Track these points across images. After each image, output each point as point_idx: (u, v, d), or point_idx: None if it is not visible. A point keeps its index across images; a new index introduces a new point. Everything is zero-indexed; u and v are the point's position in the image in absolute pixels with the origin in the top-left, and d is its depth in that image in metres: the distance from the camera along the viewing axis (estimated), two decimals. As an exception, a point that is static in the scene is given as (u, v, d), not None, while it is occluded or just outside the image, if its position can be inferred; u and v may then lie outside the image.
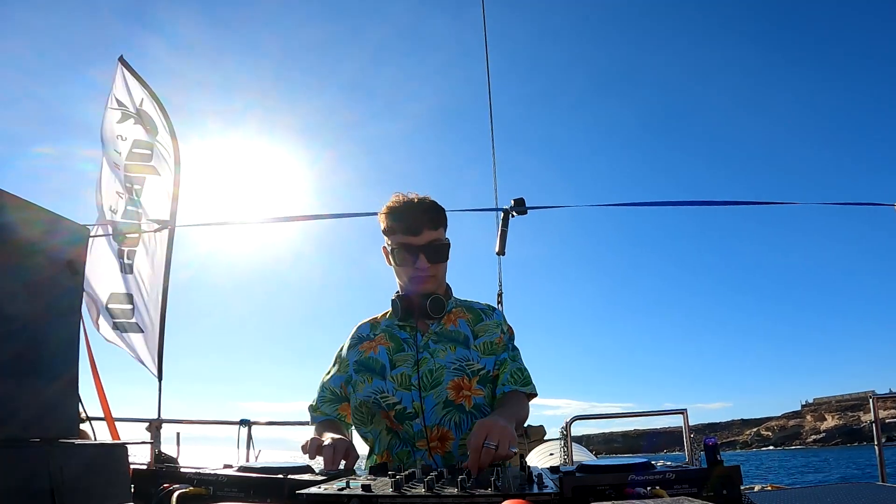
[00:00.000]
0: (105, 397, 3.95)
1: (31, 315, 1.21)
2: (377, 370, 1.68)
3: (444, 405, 1.62)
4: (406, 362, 1.67)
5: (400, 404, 1.62)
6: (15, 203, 1.20)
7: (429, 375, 1.64)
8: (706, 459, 0.99)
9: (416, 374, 1.63)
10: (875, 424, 4.03)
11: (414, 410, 1.61)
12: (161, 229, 4.42)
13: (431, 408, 1.62)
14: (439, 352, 1.68)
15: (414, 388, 1.62)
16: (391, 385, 1.64)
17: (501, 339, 1.76)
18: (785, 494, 4.05)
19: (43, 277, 1.26)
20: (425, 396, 1.62)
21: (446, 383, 1.63)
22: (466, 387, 1.65)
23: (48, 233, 1.30)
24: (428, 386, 1.63)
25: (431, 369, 1.65)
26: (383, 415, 1.64)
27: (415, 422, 1.61)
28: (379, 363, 1.69)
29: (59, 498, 1.14)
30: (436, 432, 1.60)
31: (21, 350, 1.18)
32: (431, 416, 1.61)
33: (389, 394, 1.64)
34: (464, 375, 1.65)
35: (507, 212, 3.82)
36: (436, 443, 1.60)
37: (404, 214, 1.67)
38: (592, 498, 0.92)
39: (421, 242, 1.65)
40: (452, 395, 1.62)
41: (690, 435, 4.26)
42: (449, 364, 1.65)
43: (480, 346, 1.72)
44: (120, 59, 4.84)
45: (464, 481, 0.95)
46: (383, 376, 1.66)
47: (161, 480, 1.09)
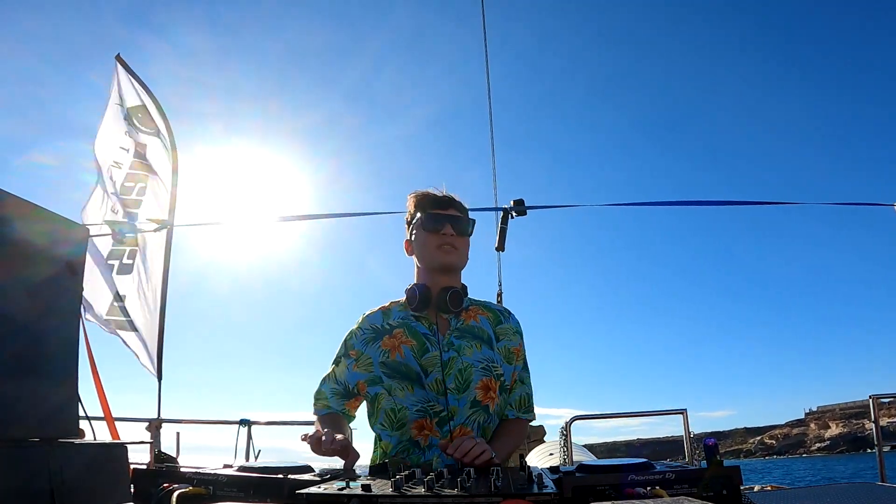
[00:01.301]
0: (105, 397, 3.94)
1: (31, 315, 1.21)
2: (413, 378, 1.65)
3: (471, 405, 1.63)
4: (435, 365, 1.65)
5: (443, 411, 1.62)
6: (15, 203, 1.21)
7: (460, 377, 1.64)
8: (706, 460, 0.99)
9: (450, 377, 1.64)
10: (875, 424, 4.03)
11: (449, 413, 1.62)
12: (160, 229, 4.42)
13: (463, 408, 1.63)
14: (465, 348, 1.68)
15: (451, 391, 1.63)
16: (432, 394, 1.64)
17: (519, 350, 1.78)
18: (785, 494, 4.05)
19: (43, 278, 1.27)
20: (459, 398, 1.63)
21: (476, 382, 1.64)
22: (493, 388, 1.67)
23: (48, 233, 1.31)
24: (461, 388, 1.64)
25: (461, 368, 1.65)
26: (419, 423, 1.62)
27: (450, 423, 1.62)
28: (412, 370, 1.66)
29: (59, 498, 1.14)
30: (458, 431, 1.61)
31: (21, 350, 1.18)
32: (462, 416, 1.62)
33: (433, 401, 1.63)
34: (491, 377, 1.67)
35: (506, 211, 3.82)
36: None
37: (434, 196, 1.79)
38: (592, 498, 0.92)
39: (449, 213, 1.75)
40: (480, 396, 1.64)
41: (690, 436, 4.27)
42: (476, 363, 1.66)
43: (503, 349, 1.74)
44: (117, 58, 4.83)
45: (464, 481, 0.95)
46: (422, 385, 1.64)
47: (161, 480, 1.09)
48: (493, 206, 3.97)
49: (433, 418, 1.62)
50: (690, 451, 4.21)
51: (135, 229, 4.54)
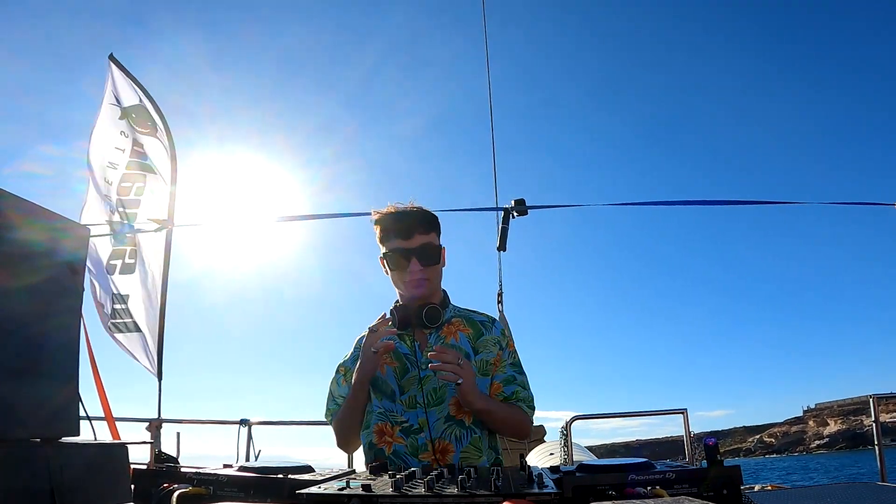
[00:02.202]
0: (105, 397, 3.95)
1: (31, 315, 1.21)
2: (388, 393, 1.75)
3: (445, 420, 1.71)
4: (412, 385, 1.74)
5: (407, 422, 1.71)
6: (15, 203, 1.21)
7: (433, 394, 1.72)
8: (706, 459, 0.99)
9: (421, 393, 1.71)
10: (875, 424, 4.03)
11: (419, 426, 1.70)
12: (160, 229, 4.42)
13: (434, 422, 1.69)
14: None
15: (419, 405, 1.71)
16: (400, 407, 1.73)
17: (499, 357, 1.80)
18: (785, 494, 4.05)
19: (43, 278, 1.27)
20: (429, 411, 1.70)
21: (448, 400, 1.71)
22: None
23: (49, 234, 1.31)
24: (432, 403, 1.71)
25: (435, 388, 1.72)
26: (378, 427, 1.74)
27: (419, 436, 1.69)
28: (389, 387, 1.75)
29: (59, 498, 1.14)
30: (438, 445, 1.68)
31: (21, 350, 1.18)
32: (434, 430, 1.69)
33: (398, 413, 1.73)
34: None
35: (507, 210, 3.82)
36: (438, 455, 1.67)
37: (396, 220, 1.74)
38: (592, 498, 0.92)
39: (413, 245, 1.70)
40: (454, 412, 1.71)
41: (690, 436, 4.27)
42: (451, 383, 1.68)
43: (479, 363, 1.77)
44: (110, 58, 4.81)
45: (464, 481, 0.95)
46: (393, 400, 1.74)
47: (161, 480, 1.09)
48: (494, 206, 3.97)
49: (394, 425, 1.72)
50: (691, 450, 4.21)
51: (134, 229, 4.54)
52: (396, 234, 1.72)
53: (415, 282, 1.72)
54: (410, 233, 1.70)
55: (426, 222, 1.74)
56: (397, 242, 1.71)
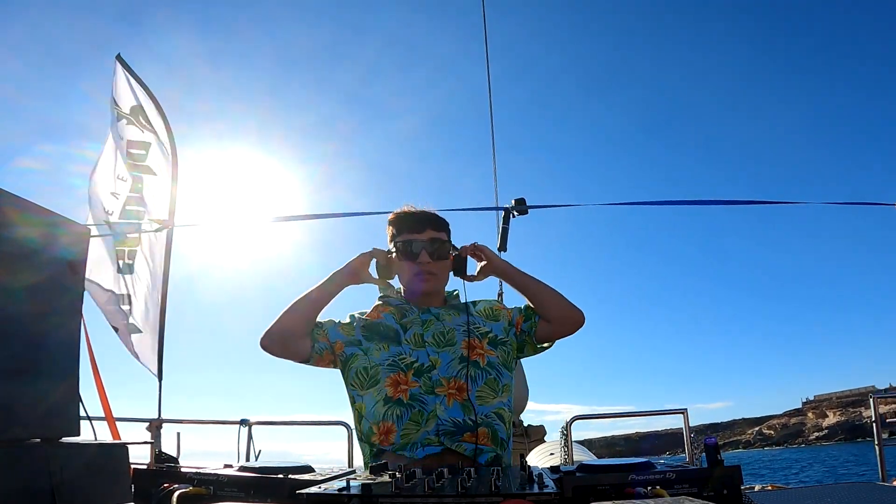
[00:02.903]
0: (105, 397, 3.94)
1: (31, 315, 1.21)
2: (391, 336, 1.71)
3: (459, 360, 1.66)
4: (414, 324, 1.73)
5: (417, 361, 1.66)
6: (15, 203, 1.21)
7: (441, 336, 1.70)
8: (706, 459, 0.99)
9: (428, 333, 1.70)
10: (875, 424, 4.03)
11: (431, 363, 1.66)
12: (161, 229, 4.41)
13: (448, 362, 1.66)
14: (445, 316, 1.75)
15: (429, 343, 1.68)
16: (407, 347, 1.69)
17: (501, 306, 1.83)
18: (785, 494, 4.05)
19: (43, 278, 1.27)
20: (440, 352, 1.67)
21: (459, 342, 1.69)
22: (479, 346, 1.70)
23: (49, 233, 1.31)
24: (442, 343, 1.69)
25: (442, 330, 1.71)
26: (392, 379, 1.64)
27: (432, 373, 1.64)
28: (391, 329, 1.72)
29: (59, 498, 1.14)
30: (453, 383, 1.63)
31: (21, 350, 1.18)
32: (448, 369, 1.65)
33: (406, 354, 1.68)
34: (474, 337, 1.71)
35: (507, 210, 3.82)
36: (454, 391, 1.62)
37: (409, 216, 1.79)
38: (593, 498, 0.92)
39: (423, 238, 1.74)
40: (466, 353, 1.67)
41: (691, 435, 4.26)
42: (457, 326, 1.71)
43: (482, 311, 1.80)
44: (117, 58, 4.81)
45: (464, 481, 0.95)
46: (398, 342, 1.70)
47: (161, 480, 1.09)
48: (494, 206, 3.97)
49: (407, 370, 1.65)
50: (691, 450, 4.21)
51: (135, 229, 4.54)
52: (409, 228, 1.76)
53: (422, 274, 1.73)
54: (422, 227, 1.75)
55: (439, 222, 1.79)
56: (408, 235, 1.75)
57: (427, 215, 1.79)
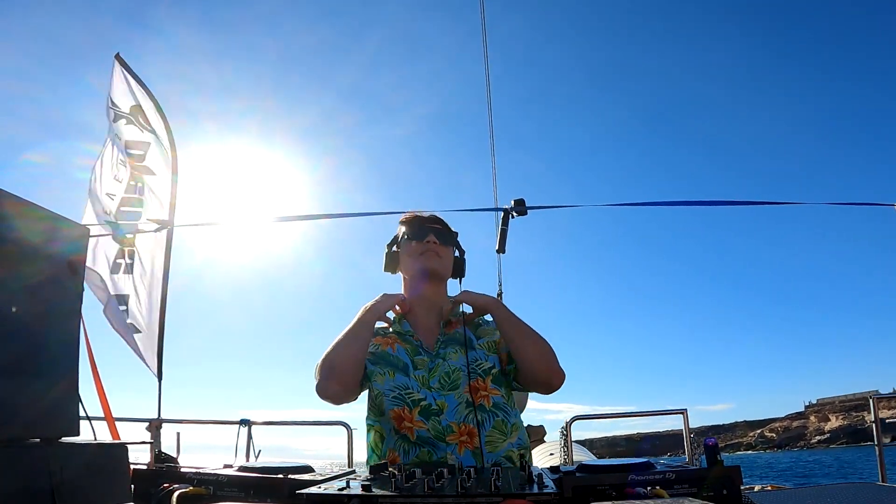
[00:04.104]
0: (105, 397, 3.94)
1: (31, 315, 1.21)
2: (399, 367, 1.72)
3: (466, 405, 1.66)
4: (423, 366, 1.73)
5: (425, 401, 1.66)
6: (15, 203, 1.20)
7: (446, 378, 1.70)
8: (706, 460, 0.99)
9: (434, 378, 1.70)
10: (875, 425, 4.03)
11: (438, 407, 1.65)
12: (161, 229, 4.41)
13: (455, 406, 1.66)
14: (450, 354, 1.74)
15: (434, 389, 1.68)
16: (415, 383, 1.69)
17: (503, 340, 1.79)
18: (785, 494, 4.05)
19: (43, 278, 1.26)
20: (446, 395, 1.67)
21: (463, 386, 1.68)
22: (483, 387, 1.69)
23: (48, 233, 1.30)
24: (447, 387, 1.69)
25: (448, 372, 1.71)
26: (395, 413, 1.65)
27: (440, 418, 1.64)
28: (401, 361, 1.73)
29: (59, 498, 1.14)
30: (464, 428, 1.63)
31: (21, 350, 1.18)
32: (455, 414, 1.65)
33: (414, 390, 1.68)
34: (477, 377, 1.70)
35: (507, 211, 3.82)
36: (465, 437, 1.62)
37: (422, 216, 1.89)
38: (593, 498, 0.92)
39: (433, 224, 1.85)
40: (471, 397, 1.67)
41: (691, 435, 4.27)
42: (462, 367, 1.70)
43: (485, 345, 1.79)
44: (116, 57, 4.80)
45: (464, 481, 0.95)
46: (406, 374, 1.71)
47: (161, 480, 1.09)
48: (494, 207, 3.97)
49: (412, 407, 1.65)
50: (691, 450, 4.21)
51: (135, 229, 4.54)
52: (420, 219, 1.87)
53: (428, 253, 1.79)
54: (433, 220, 1.86)
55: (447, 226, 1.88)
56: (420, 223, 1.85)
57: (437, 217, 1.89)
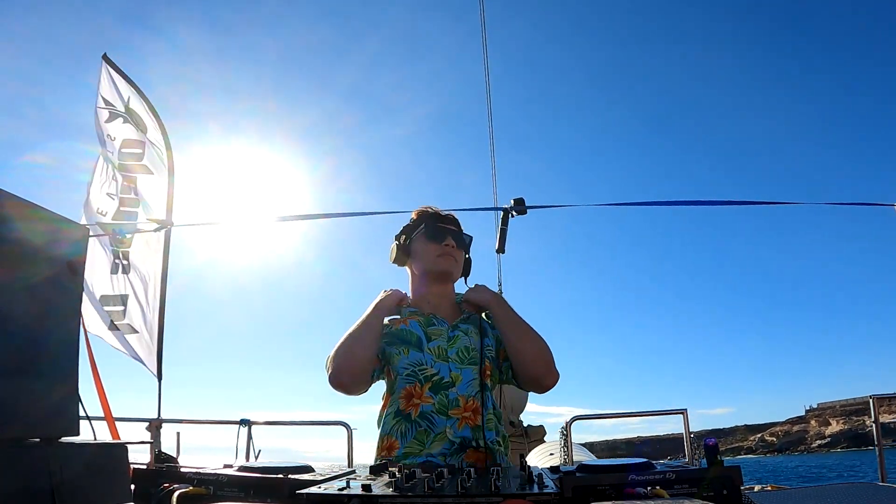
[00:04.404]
0: (105, 397, 3.94)
1: (31, 315, 1.21)
2: (413, 342, 1.72)
3: (479, 382, 1.67)
4: (440, 336, 1.73)
5: (438, 374, 1.66)
6: (15, 203, 1.20)
7: (465, 352, 1.71)
8: (706, 460, 0.99)
9: (453, 349, 1.70)
10: (875, 425, 4.03)
11: (451, 380, 1.66)
12: (160, 229, 4.41)
13: (469, 380, 1.66)
14: (472, 332, 1.75)
15: (452, 360, 1.68)
16: (430, 357, 1.69)
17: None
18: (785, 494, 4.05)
19: (43, 278, 1.26)
20: (463, 368, 1.68)
21: (481, 364, 1.69)
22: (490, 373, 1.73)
23: (48, 233, 1.30)
24: (466, 360, 1.69)
25: (467, 346, 1.72)
26: (406, 391, 1.65)
27: (450, 391, 1.64)
28: (414, 335, 1.73)
29: (59, 498, 1.14)
30: (471, 403, 1.64)
31: (21, 350, 1.18)
32: (468, 388, 1.65)
33: (428, 365, 1.68)
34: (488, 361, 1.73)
35: (506, 211, 3.82)
36: (469, 413, 1.63)
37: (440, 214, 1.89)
38: (593, 498, 0.92)
39: (452, 228, 1.86)
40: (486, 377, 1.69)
41: (690, 436, 4.26)
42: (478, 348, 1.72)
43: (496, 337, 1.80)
44: (104, 57, 4.79)
45: (464, 481, 0.95)
46: (420, 348, 1.71)
47: (161, 480, 1.09)
48: (493, 206, 3.97)
49: (424, 383, 1.65)
50: (691, 450, 4.21)
51: (134, 229, 4.54)
52: (438, 217, 1.87)
53: (445, 255, 1.81)
54: (451, 221, 1.88)
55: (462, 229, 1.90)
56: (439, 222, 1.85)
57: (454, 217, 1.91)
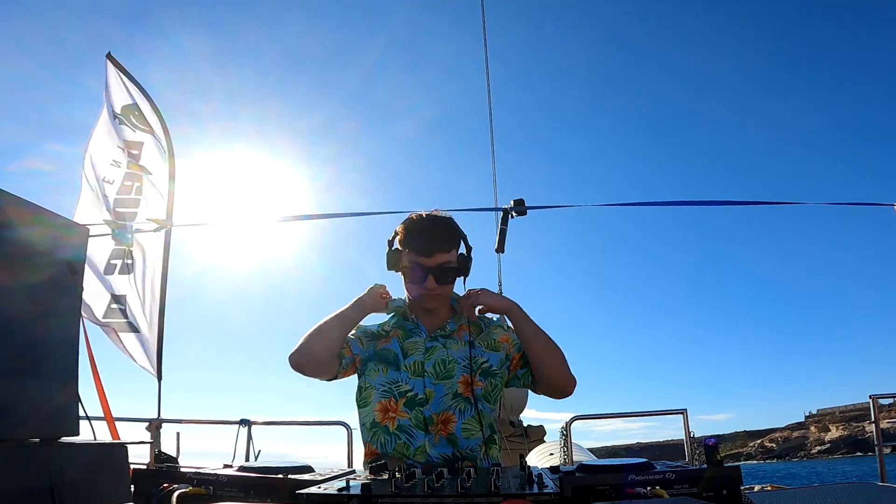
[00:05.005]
0: (105, 397, 3.94)
1: (31, 315, 1.21)
2: (390, 360, 1.74)
3: (453, 396, 1.69)
4: (417, 349, 1.74)
5: (412, 391, 1.69)
6: (15, 203, 1.21)
7: (441, 365, 1.71)
8: (706, 460, 0.99)
9: (430, 362, 1.71)
10: (875, 425, 4.03)
11: (425, 396, 1.68)
12: (160, 229, 4.41)
13: (441, 396, 1.68)
14: (451, 344, 1.75)
15: (428, 374, 1.70)
16: (405, 374, 1.71)
17: (508, 338, 1.81)
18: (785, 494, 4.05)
19: (43, 277, 1.27)
20: (436, 384, 1.69)
21: (458, 377, 1.70)
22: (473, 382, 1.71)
23: (49, 233, 1.31)
24: (441, 375, 1.70)
25: (444, 360, 1.72)
26: (382, 405, 1.69)
27: (424, 408, 1.67)
28: (391, 353, 1.75)
29: (59, 498, 1.14)
30: (441, 416, 1.67)
31: (21, 350, 1.18)
32: (441, 404, 1.67)
33: (402, 382, 1.70)
34: (472, 373, 1.72)
35: (506, 211, 3.82)
36: (440, 426, 1.65)
37: (420, 234, 1.73)
38: (592, 498, 0.92)
39: (431, 264, 1.70)
40: (461, 389, 1.69)
41: (691, 436, 4.26)
42: (460, 359, 1.72)
43: (485, 341, 1.79)
44: (108, 57, 4.79)
45: (463, 481, 0.95)
46: (397, 366, 1.72)
47: (161, 480, 1.09)
48: (493, 207, 3.97)
49: (399, 398, 1.68)
50: (691, 451, 4.21)
51: (134, 229, 4.53)
52: (417, 248, 1.71)
53: (428, 297, 1.74)
54: (431, 251, 1.69)
55: (447, 240, 1.73)
56: (416, 258, 1.71)
57: (438, 236, 1.72)
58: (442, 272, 1.71)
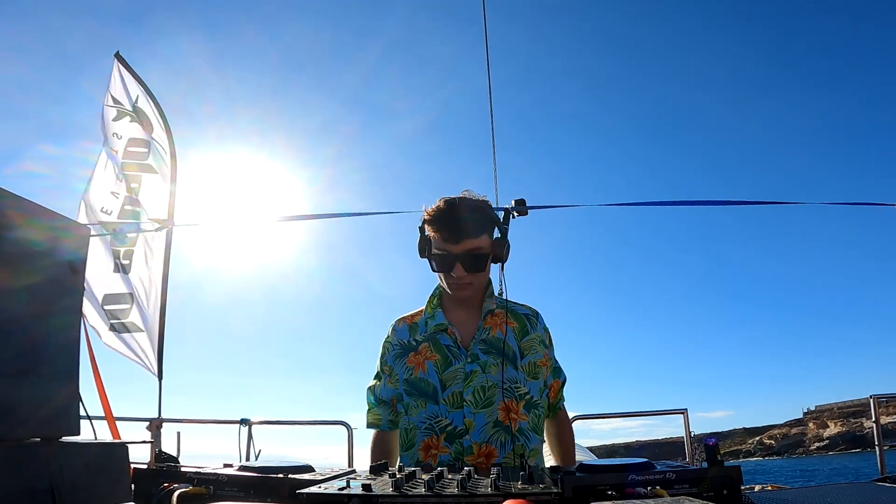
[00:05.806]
0: (105, 396, 3.94)
1: (31, 315, 1.21)
2: (430, 393, 1.68)
3: (493, 424, 1.64)
4: (456, 379, 1.68)
5: (451, 424, 1.64)
6: (16, 203, 1.20)
7: (481, 393, 1.66)
8: (706, 459, 0.99)
9: (468, 390, 1.66)
10: (875, 424, 4.03)
11: (465, 427, 1.64)
12: (160, 229, 4.41)
13: (482, 426, 1.64)
14: (490, 366, 1.68)
15: (467, 404, 1.65)
16: (444, 408, 1.66)
17: (546, 359, 1.78)
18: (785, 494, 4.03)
19: (44, 277, 1.26)
20: (477, 414, 1.64)
21: (497, 403, 1.65)
22: (514, 409, 1.67)
23: (50, 233, 1.30)
24: (480, 403, 1.65)
25: (484, 386, 1.66)
26: (425, 444, 1.66)
27: (464, 439, 1.63)
28: (430, 385, 1.69)
29: (59, 498, 1.14)
30: (483, 449, 1.62)
31: (21, 350, 1.18)
32: (481, 434, 1.63)
33: (442, 416, 1.66)
34: (513, 398, 1.67)
35: (507, 211, 3.82)
36: (482, 459, 1.61)
37: (447, 222, 1.66)
38: (593, 498, 0.92)
39: (458, 251, 1.64)
40: (502, 416, 1.65)
41: (691, 435, 4.26)
42: (500, 384, 1.66)
43: (526, 366, 1.73)
44: (116, 56, 4.81)
45: (464, 481, 0.95)
46: (436, 400, 1.67)
47: (161, 480, 1.09)
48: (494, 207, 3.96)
49: (440, 434, 1.63)
50: (691, 450, 4.21)
51: (135, 229, 4.54)
52: (445, 236, 1.65)
53: (458, 286, 1.69)
54: (459, 237, 1.64)
55: (476, 224, 1.66)
56: (445, 245, 1.66)
57: (465, 222, 1.64)
58: (471, 259, 1.63)
